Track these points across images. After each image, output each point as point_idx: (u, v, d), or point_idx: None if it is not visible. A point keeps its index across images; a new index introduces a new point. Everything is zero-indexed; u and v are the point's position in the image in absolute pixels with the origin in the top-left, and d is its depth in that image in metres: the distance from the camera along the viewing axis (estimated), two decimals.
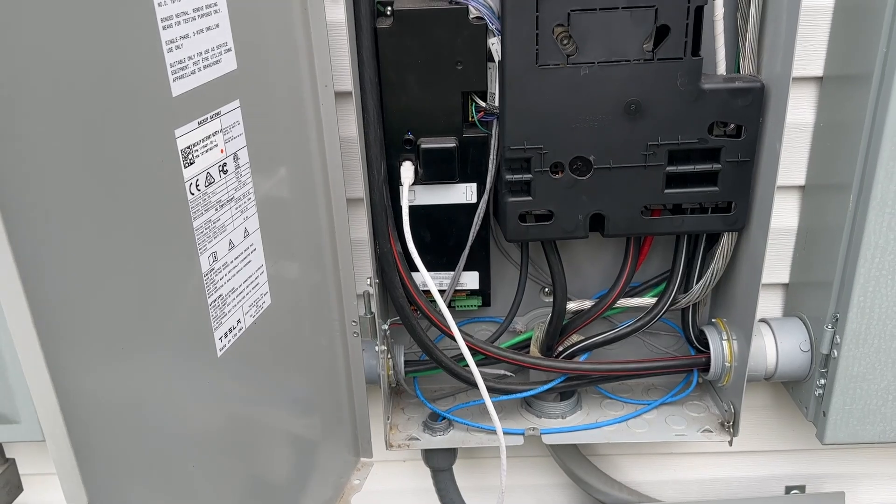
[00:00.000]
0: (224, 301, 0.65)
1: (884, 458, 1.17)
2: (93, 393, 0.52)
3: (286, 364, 0.81)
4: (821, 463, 1.17)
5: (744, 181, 0.87)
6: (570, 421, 1.04)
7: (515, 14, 0.79)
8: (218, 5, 0.61)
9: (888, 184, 0.83)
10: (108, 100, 0.50)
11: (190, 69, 0.57)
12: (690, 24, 0.79)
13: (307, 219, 0.83)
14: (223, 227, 0.64)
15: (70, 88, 0.47)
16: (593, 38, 0.80)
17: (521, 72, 0.81)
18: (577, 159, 0.86)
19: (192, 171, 0.59)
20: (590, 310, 1.00)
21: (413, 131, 0.89)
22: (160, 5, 0.54)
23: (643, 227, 0.90)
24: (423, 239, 0.94)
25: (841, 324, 0.90)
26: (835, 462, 1.17)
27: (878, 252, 0.86)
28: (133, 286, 0.54)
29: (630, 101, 0.82)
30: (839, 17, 0.89)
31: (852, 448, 1.15)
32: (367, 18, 0.81)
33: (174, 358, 0.60)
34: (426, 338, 0.96)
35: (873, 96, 0.82)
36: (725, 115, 0.83)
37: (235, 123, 0.64)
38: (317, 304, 0.87)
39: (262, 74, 0.69)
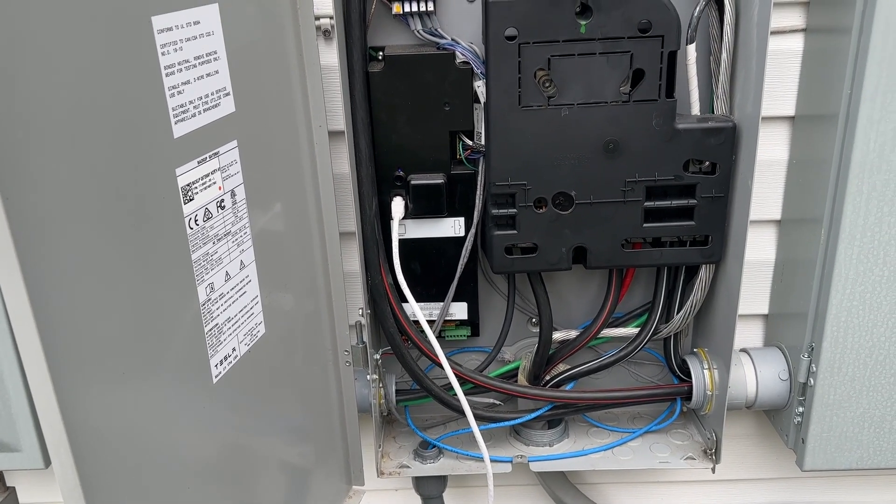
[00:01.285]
0: (220, 330, 0.68)
1: (865, 486, 1.19)
2: (96, 417, 0.55)
3: (280, 392, 0.84)
4: (803, 490, 1.19)
5: (719, 216, 0.91)
6: (557, 449, 1.06)
7: (499, 59, 0.84)
8: (218, 53, 0.65)
9: (856, 218, 0.87)
10: (114, 142, 0.54)
11: (191, 112, 0.61)
12: (664, 69, 0.84)
13: (301, 251, 0.86)
14: (220, 259, 0.67)
15: (80, 132, 0.51)
16: (573, 82, 0.84)
17: (505, 113, 0.86)
18: (559, 195, 0.90)
19: (191, 207, 0.63)
20: (575, 339, 1.03)
21: (403, 168, 0.93)
22: (164, 54, 0.58)
23: (624, 260, 0.94)
24: (414, 271, 0.98)
25: (816, 353, 0.93)
26: (817, 490, 1.19)
27: (850, 284, 0.89)
28: (134, 315, 0.58)
29: (608, 140, 0.87)
30: (808, 61, 0.93)
31: (834, 475, 1.17)
32: (359, 63, 0.86)
33: (172, 384, 0.63)
34: (416, 367, 0.99)
35: (840, 135, 0.86)
36: (699, 154, 0.88)
37: (233, 162, 0.68)
38: (310, 334, 0.90)
39: (259, 115, 0.74)
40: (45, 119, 0.48)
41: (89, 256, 0.53)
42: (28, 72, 0.47)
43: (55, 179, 0.50)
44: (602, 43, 0.82)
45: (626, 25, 0.82)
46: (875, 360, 0.93)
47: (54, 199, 0.50)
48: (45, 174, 0.49)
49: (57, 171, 0.50)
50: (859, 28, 0.82)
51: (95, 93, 0.52)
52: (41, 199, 0.49)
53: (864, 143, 0.84)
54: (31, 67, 0.47)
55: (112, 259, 0.55)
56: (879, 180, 0.85)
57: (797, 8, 0.93)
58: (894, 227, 0.87)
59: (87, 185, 0.52)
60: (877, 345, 0.92)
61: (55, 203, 0.50)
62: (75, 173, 0.51)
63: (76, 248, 0.52)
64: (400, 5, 0.87)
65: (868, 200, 0.86)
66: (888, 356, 0.92)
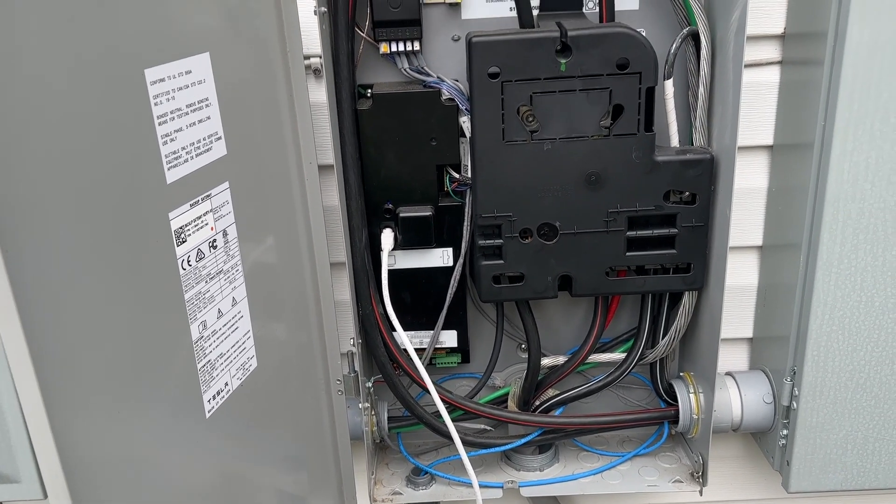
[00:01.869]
0: (212, 366, 0.70)
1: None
2: (91, 452, 0.57)
3: (273, 422, 0.86)
4: None
5: (700, 244, 0.93)
6: (547, 473, 1.08)
7: (483, 96, 0.86)
8: (209, 99, 0.68)
9: (832, 245, 0.89)
10: (109, 189, 0.56)
11: (183, 158, 0.64)
12: (642, 104, 0.86)
13: (293, 283, 0.88)
14: (212, 297, 0.70)
15: (76, 180, 0.54)
16: (554, 117, 0.87)
17: (490, 147, 0.89)
18: (544, 225, 0.92)
19: (183, 249, 0.65)
20: (563, 365, 1.05)
21: (392, 201, 0.96)
22: (156, 104, 0.61)
23: (608, 288, 0.96)
24: (404, 300, 1.00)
25: (798, 377, 0.95)
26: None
27: (829, 309, 0.92)
28: (129, 354, 0.60)
29: (590, 172, 0.89)
30: (784, 92, 0.96)
31: (819, 496, 1.19)
32: (347, 101, 0.89)
33: (165, 419, 0.65)
34: (408, 395, 1.01)
35: (815, 165, 0.89)
36: (679, 184, 0.90)
37: (225, 203, 0.71)
38: (303, 364, 0.92)
39: (251, 156, 0.76)
40: (42, 168, 0.51)
41: (85, 298, 0.55)
42: (26, 122, 0.49)
43: (52, 225, 0.52)
44: (582, 80, 0.85)
45: (605, 63, 0.84)
46: (856, 383, 0.95)
47: (51, 243, 0.52)
48: (43, 220, 0.51)
49: (54, 217, 0.52)
50: (831, 61, 0.85)
51: (90, 143, 0.55)
52: (39, 243, 0.51)
53: (838, 173, 0.86)
54: (29, 118, 0.50)
55: (107, 300, 0.57)
56: (854, 209, 0.87)
57: (773, 41, 0.96)
58: (870, 255, 0.89)
59: (83, 231, 0.55)
60: (857, 368, 0.94)
61: (52, 247, 0.52)
62: (71, 219, 0.54)
63: (72, 290, 0.54)
64: (387, 45, 0.90)
65: (844, 228, 0.88)
66: (868, 379, 0.94)
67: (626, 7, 0.92)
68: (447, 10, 0.92)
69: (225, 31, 0.72)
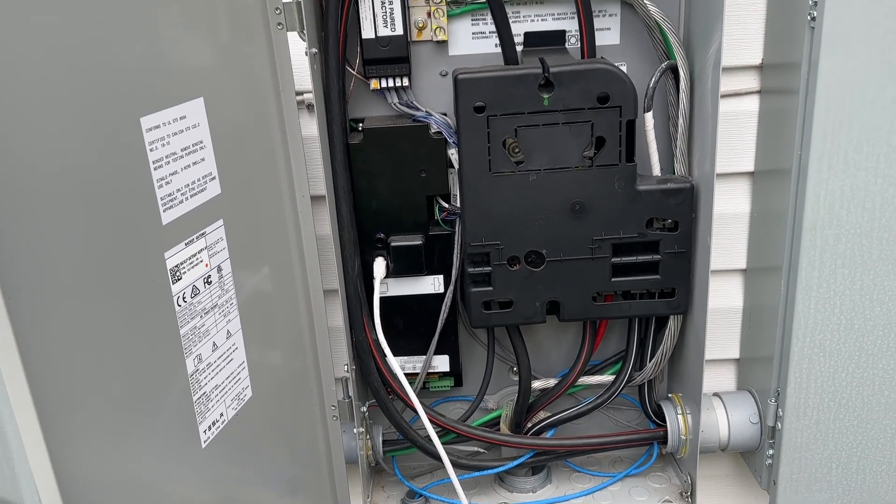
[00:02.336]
0: (208, 398, 0.73)
1: None
2: (89, 482, 0.59)
3: (270, 448, 0.89)
4: None
5: (683, 269, 0.96)
6: (540, 495, 1.10)
7: (469, 130, 0.89)
8: (204, 142, 0.71)
9: (811, 270, 0.91)
10: (106, 231, 0.59)
11: (178, 200, 0.67)
12: (623, 136, 0.89)
13: (288, 311, 0.91)
14: (207, 331, 0.72)
15: (74, 223, 0.57)
16: (539, 149, 0.90)
17: (477, 178, 0.91)
18: (531, 253, 0.95)
19: (179, 286, 0.68)
20: (554, 388, 1.07)
21: (384, 230, 0.99)
22: (152, 150, 0.64)
23: (595, 312, 0.99)
24: (397, 326, 1.03)
25: (782, 397, 0.98)
26: None
27: (809, 331, 0.94)
28: (126, 388, 0.63)
29: (574, 201, 0.92)
30: (763, 120, 0.99)
31: None
32: (339, 135, 0.92)
33: (162, 451, 0.67)
34: (401, 419, 1.03)
35: (793, 191, 0.91)
36: (660, 212, 0.93)
37: (219, 240, 0.74)
38: (298, 390, 0.95)
39: (245, 192, 0.79)
40: (43, 213, 0.53)
41: (84, 335, 0.58)
42: (28, 168, 0.52)
43: (51, 266, 0.55)
44: (564, 114, 0.88)
45: (586, 97, 0.87)
46: (838, 403, 0.97)
47: (51, 282, 0.55)
48: (43, 261, 0.54)
49: (53, 258, 0.55)
50: (805, 92, 0.87)
51: (88, 187, 0.58)
52: (38, 283, 0.53)
53: (814, 200, 0.89)
54: (30, 164, 0.52)
55: (105, 337, 0.60)
56: (831, 235, 0.90)
57: (752, 71, 0.99)
58: (848, 279, 0.91)
59: (81, 270, 0.58)
60: (839, 389, 0.96)
61: (53, 285, 0.55)
62: (70, 260, 0.56)
63: (72, 327, 0.57)
64: (377, 81, 0.93)
65: (822, 253, 0.91)
66: (851, 400, 0.97)
67: (608, 42, 0.95)
68: (435, 47, 0.95)
69: (219, 74, 0.75)
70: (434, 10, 0.92)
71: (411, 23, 0.93)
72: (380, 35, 0.91)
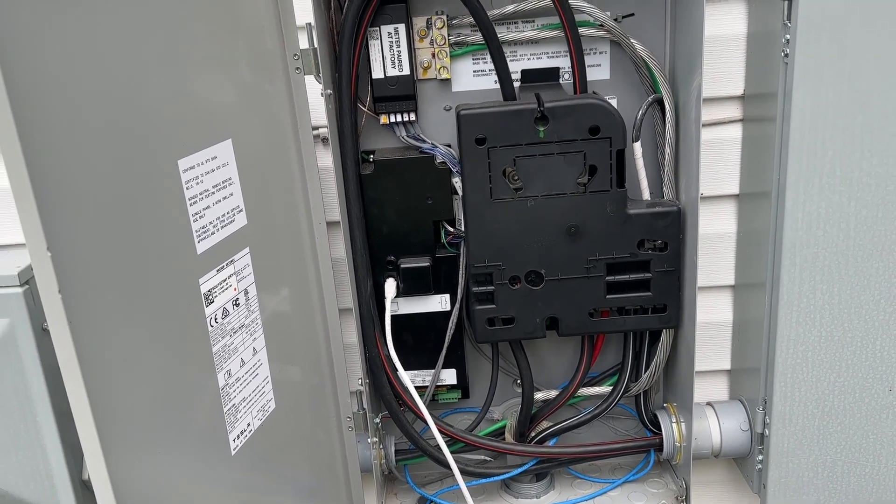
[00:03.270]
0: (237, 409, 0.80)
1: None
2: (135, 485, 0.66)
3: (290, 457, 0.96)
4: None
5: (673, 287, 1.03)
6: (544, 500, 1.16)
7: (471, 160, 0.97)
8: (232, 178, 0.79)
9: (791, 286, 0.98)
10: (151, 262, 0.67)
11: (210, 231, 0.75)
12: (613, 164, 0.97)
13: (306, 329, 0.99)
14: (236, 349, 0.80)
15: (122, 257, 0.64)
16: (536, 177, 0.98)
17: (480, 205, 0.99)
18: (531, 272, 1.02)
19: (211, 309, 0.76)
20: (555, 398, 1.14)
21: (394, 253, 1.06)
22: (188, 188, 0.72)
23: (592, 327, 1.05)
24: (406, 342, 1.10)
25: (769, 406, 1.04)
26: None
27: (792, 343, 1.00)
28: (166, 400, 0.70)
29: (570, 224, 0.99)
30: (746, 147, 1.06)
31: None
32: (352, 167, 1.00)
33: (197, 457, 0.75)
34: (412, 429, 1.10)
35: (773, 212, 0.98)
36: (650, 234, 1.00)
37: (246, 266, 0.82)
38: (315, 403, 1.02)
39: (268, 222, 0.87)
40: (97, 244, 0.61)
41: (130, 353, 0.65)
42: (86, 205, 0.60)
43: (105, 293, 0.63)
44: (559, 144, 0.96)
45: (578, 130, 0.95)
46: (822, 411, 1.03)
47: (104, 309, 0.62)
48: (97, 289, 0.62)
49: (107, 286, 0.63)
50: (781, 120, 0.94)
51: (137, 223, 0.66)
52: (94, 309, 0.61)
53: (792, 221, 0.96)
54: (83, 204, 0.60)
55: (148, 354, 0.68)
56: (809, 253, 0.97)
57: (735, 101, 1.07)
58: (827, 294, 0.98)
59: (132, 296, 0.65)
60: (822, 398, 1.02)
61: (105, 312, 0.62)
62: (121, 287, 0.64)
63: (122, 348, 0.64)
64: (386, 117, 1.01)
65: (801, 271, 0.97)
66: (833, 408, 1.03)
67: (598, 77, 1.03)
68: (439, 84, 1.03)
69: (244, 116, 0.83)
70: (438, 52, 1.00)
71: (417, 63, 1.01)
72: (388, 75, 0.99)
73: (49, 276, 0.55)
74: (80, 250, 0.59)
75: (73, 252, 0.58)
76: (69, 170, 0.58)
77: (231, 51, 0.81)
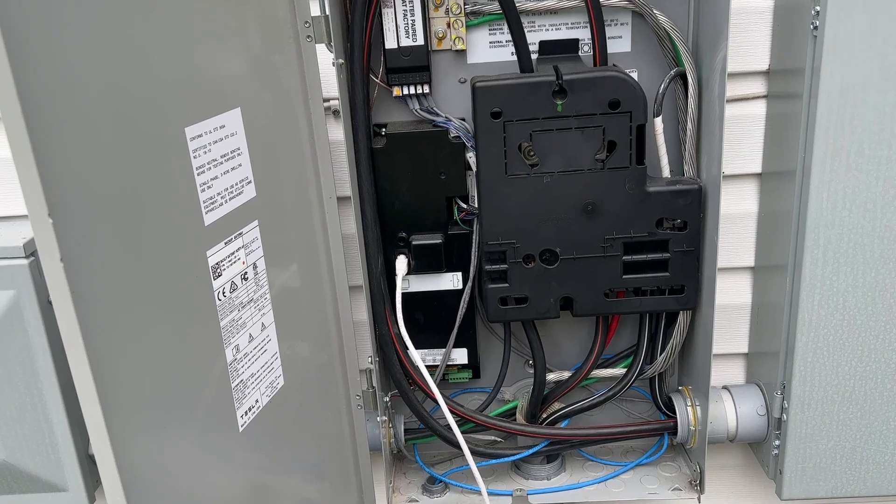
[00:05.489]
0: (244, 385, 0.79)
1: None
2: (140, 461, 0.65)
3: (298, 434, 0.94)
4: None
5: (692, 267, 1.00)
6: (554, 482, 1.15)
7: (486, 135, 0.94)
8: (241, 148, 0.77)
9: (814, 268, 0.95)
10: (158, 232, 0.65)
11: (218, 203, 0.73)
12: (633, 140, 0.93)
13: (316, 306, 0.97)
14: (244, 323, 0.78)
15: (132, 224, 0.62)
16: (553, 152, 0.95)
17: (494, 181, 0.96)
18: (545, 251, 1.00)
19: (219, 282, 0.74)
20: (568, 380, 1.12)
21: (405, 230, 1.04)
22: (195, 157, 0.69)
23: (607, 308, 1.03)
24: (418, 321, 1.08)
25: (788, 390, 1.02)
26: None
27: (813, 327, 0.98)
28: (173, 375, 0.68)
29: (587, 202, 0.97)
30: (770, 124, 1.03)
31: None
32: (363, 140, 0.97)
33: (204, 433, 0.73)
34: (422, 408, 1.09)
35: (797, 193, 0.95)
36: (670, 213, 0.97)
37: (254, 239, 0.80)
38: (325, 381, 1.00)
39: (277, 195, 0.85)
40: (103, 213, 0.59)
41: (137, 326, 0.64)
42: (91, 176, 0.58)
43: (109, 266, 0.61)
44: (577, 119, 0.93)
45: (598, 104, 0.92)
46: (842, 396, 1.01)
47: (110, 281, 0.61)
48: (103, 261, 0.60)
49: (112, 258, 0.61)
50: (808, 97, 0.91)
51: (143, 192, 0.64)
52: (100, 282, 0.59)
53: (817, 201, 0.93)
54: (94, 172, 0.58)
55: (155, 328, 0.66)
56: (833, 234, 0.94)
57: (759, 77, 1.03)
58: (850, 277, 0.95)
59: (136, 269, 0.63)
60: (842, 383, 1.00)
61: (111, 285, 0.61)
62: (126, 259, 0.62)
63: (126, 320, 0.62)
64: (399, 89, 0.98)
65: (825, 252, 0.95)
66: (853, 393, 1.00)
67: (619, 49, 0.99)
68: (454, 55, 1.00)
69: (253, 85, 0.81)
70: (453, 21, 0.97)
71: (432, 33, 0.98)
72: (402, 45, 0.96)
73: (51, 244, 0.53)
74: (83, 217, 0.57)
75: (76, 219, 0.56)
76: (72, 132, 0.56)
77: (240, 16, 0.78)
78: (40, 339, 1.00)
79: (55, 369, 1.01)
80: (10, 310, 0.99)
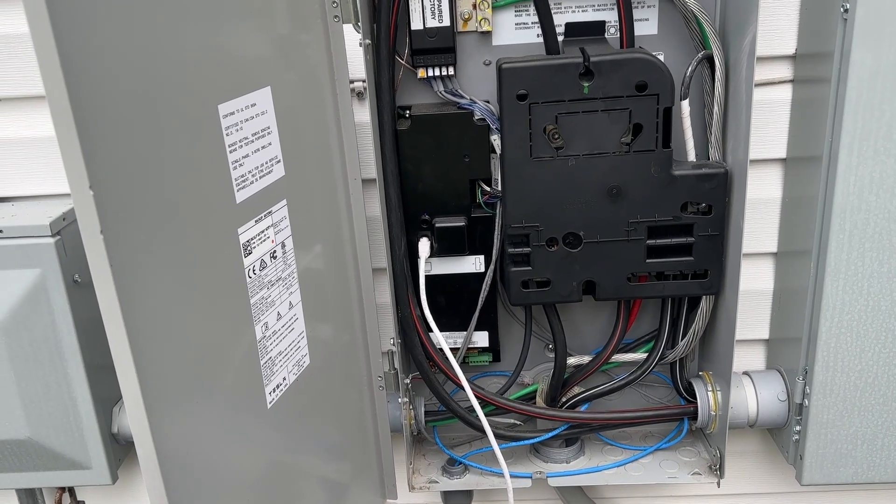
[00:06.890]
0: (273, 362, 0.79)
1: (863, 499, 1.25)
2: (174, 435, 0.66)
3: (321, 414, 0.95)
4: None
5: (716, 252, 1.00)
6: (573, 465, 1.15)
7: (512, 117, 0.94)
8: (270, 127, 0.77)
9: (840, 253, 0.95)
10: (190, 210, 0.66)
11: (249, 181, 0.73)
12: (660, 123, 0.93)
13: (339, 287, 0.97)
14: (273, 302, 0.79)
15: (167, 201, 0.63)
16: (578, 135, 0.95)
17: (518, 163, 0.96)
18: (569, 234, 1.00)
19: (250, 260, 0.74)
20: (588, 364, 1.12)
21: (429, 212, 1.04)
22: (228, 135, 0.70)
23: (630, 292, 1.03)
24: (439, 303, 1.08)
25: (810, 376, 1.02)
26: (817, 503, 1.26)
27: (837, 313, 0.98)
28: (204, 351, 0.69)
29: (612, 186, 0.97)
30: (796, 109, 1.03)
31: (832, 489, 1.24)
32: (388, 122, 0.97)
33: (234, 409, 0.74)
34: (443, 390, 1.09)
35: (823, 177, 0.95)
36: (695, 197, 0.97)
37: (283, 218, 0.80)
38: (347, 362, 1.01)
39: (304, 175, 0.85)
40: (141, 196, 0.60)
41: (170, 301, 0.64)
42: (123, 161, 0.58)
43: (147, 243, 0.61)
44: (604, 101, 0.92)
45: (625, 86, 0.92)
46: (865, 382, 1.01)
47: (147, 258, 0.61)
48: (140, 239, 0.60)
49: (145, 236, 0.61)
50: (837, 81, 0.91)
51: (176, 169, 0.64)
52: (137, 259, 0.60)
53: (844, 185, 0.92)
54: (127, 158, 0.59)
55: (188, 304, 0.66)
56: (860, 219, 0.93)
57: (785, 61, 1.03)
58: (875, 262, 0.95)
59: (168, 246, 0.64)
60: (865, 368, 1.00)
61: (147, 260, 0.61)
62: (160, 236, 0.63)
63: (162, 297, 0.63)
64: (424, 71, 0.98)
65: (850, 237, 0.94)
66: (876, 379, 1.00)
67: (646, 32, 0.99)
68: (479, 37, 1.00)
69: (282, 65, 0.81)
70: (479, 2, 0.97)
71: (457, 14, 0.97)
72: (428, 26, 0.96)
73: (91, 216, 0.53)
74: (122, 191, 0.57)
75: (116, 192, 0.56)
76: (111, 107, 0.56)
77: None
78: (65, 318, 1.00)
79: (80, 348, 1.02)
80: (35, 288, 0.99)
